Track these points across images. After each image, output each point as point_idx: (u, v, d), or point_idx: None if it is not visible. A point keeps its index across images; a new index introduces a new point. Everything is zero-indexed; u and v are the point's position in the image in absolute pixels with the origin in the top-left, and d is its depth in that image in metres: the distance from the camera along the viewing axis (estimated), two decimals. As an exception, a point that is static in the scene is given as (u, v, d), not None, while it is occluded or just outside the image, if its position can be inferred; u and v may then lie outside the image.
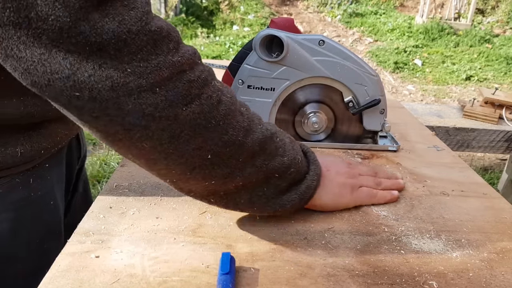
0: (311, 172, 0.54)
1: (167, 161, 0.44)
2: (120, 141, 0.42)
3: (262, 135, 0.48)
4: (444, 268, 0.49)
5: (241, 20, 6.13)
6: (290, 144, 0.53)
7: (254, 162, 0.48)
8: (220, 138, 0.44)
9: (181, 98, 0.41)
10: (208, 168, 0.45)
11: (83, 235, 0.51)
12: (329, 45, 0.74)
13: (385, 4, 7.05)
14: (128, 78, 0.38)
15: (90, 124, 0.40)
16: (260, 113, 0.78)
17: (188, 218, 0.56)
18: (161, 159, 0.44)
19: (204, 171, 0.45)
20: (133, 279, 0.44)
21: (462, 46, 5.75)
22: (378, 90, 0.78)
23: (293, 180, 0.52)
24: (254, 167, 0.48)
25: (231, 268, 0.45)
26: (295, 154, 0.52)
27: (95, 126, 0.40)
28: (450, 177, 0.73)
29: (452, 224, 0.58)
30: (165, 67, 0.39)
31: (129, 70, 0.38)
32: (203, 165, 0.45)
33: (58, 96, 0.38)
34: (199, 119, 0.42)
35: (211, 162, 0.45)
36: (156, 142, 0.42)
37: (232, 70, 0.82)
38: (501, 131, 1.52)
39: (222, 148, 0.45)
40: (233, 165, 0.46)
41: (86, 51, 0.36)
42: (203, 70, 0.44)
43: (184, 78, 0.41)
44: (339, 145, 0.82)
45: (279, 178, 0.50)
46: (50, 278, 0.44)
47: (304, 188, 0.53)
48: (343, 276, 0.47)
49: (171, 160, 0.44)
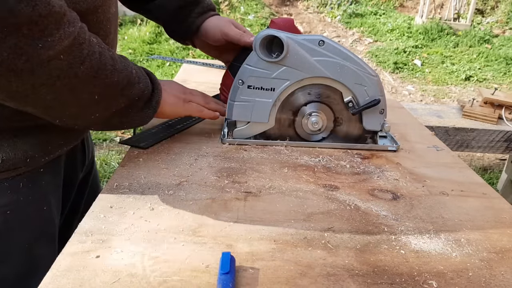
0: (156, 90, 0.67)
1: (64, 107, 0.54)
2: (26, 97, 0.50)
3: (126, 71, 0.60)
4: (444, 268, 0.49)
5: (241, 21, 6.13)
6: (140, 71, 0.64)
7: (123, 93, 0.60)
8: (103, 82, 0.55)
9: (78, 60, 0.51)
10: (95, 106, 0.57)
11: (84, 235, 0.51)
12: (329, 46, 0.74)
13: (384, 5, 7.05)
14: (40, 51, 0.46)
15: (1, 87, 0.47)
16: (260, 113, 0.79)
17: (188, 218, 0.56)
18: (58, 106, 0.54)
19: (91, 109, 0.57)
20: (133, 279, 0.45)
21: (461, 46, 5.75)
22: (378, 90, 0.78)
23: (147, 99, 0.65)
24: (124, 97, 0.60)
25: (231, 268, 0.45)
26: (145, 79, 0.64)
27: (6, 88, 0.48)
28: (450, 177, 0.73)
29: (452, 224, 0.59)
30: (65, 38, 0.48)
31: (40, 45, 0.46)
32: (91, 104, 0.56)
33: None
34: (91, 72, 0.53)
35: (97, 101, 0.56)
36: (57, 95, 0.52)
37: (232, 70, 0.82)
38: (500, 131, 1.52)
39: (104, 89, 0.56)
40: (111, 99, 0.58)
41: (4, 31, 0.43)
42: (85, 31, 0.52)
43: (77, 42, 0.50)
44: (339, 145, 0.82)
45: (138, 100, 0.63)
46: (50, 277, 0.44)
47: (155, 104, 0.67)
48: (343, 276, 0.47)
49: (67, 106, 0.54)
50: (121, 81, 0.58)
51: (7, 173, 0.59)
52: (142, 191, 0.62)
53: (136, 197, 0.60)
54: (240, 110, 0.79)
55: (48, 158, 0.64)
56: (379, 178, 0.71)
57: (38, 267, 0.66)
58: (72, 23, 0.49)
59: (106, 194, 0.60)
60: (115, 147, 2.72)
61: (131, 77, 0.61)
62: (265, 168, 0.71)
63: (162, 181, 0.65)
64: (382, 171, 0.74)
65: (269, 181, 0.67)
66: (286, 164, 0.74)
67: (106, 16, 0.65)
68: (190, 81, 1.22)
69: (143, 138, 0.79)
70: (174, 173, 0.67)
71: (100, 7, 0.62)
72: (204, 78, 1.28)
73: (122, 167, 0.68)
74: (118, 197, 0.60)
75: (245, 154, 0.77)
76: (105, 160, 2.49)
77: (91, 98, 0.55)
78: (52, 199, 0.68)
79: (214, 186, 0.64)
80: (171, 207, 0.58)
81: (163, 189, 0.63)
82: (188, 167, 0.70)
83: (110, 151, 2.63)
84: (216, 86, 0.91)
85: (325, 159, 0.77)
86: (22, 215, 0.63)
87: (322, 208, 0.61)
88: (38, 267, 0.66)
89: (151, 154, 0.74)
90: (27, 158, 0.60)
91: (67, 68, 0.50)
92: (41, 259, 0.67)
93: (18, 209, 0.62)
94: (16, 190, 0.61)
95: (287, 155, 0.77)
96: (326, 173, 0.72)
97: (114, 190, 0.61)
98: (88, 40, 0.52)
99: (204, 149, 0.77)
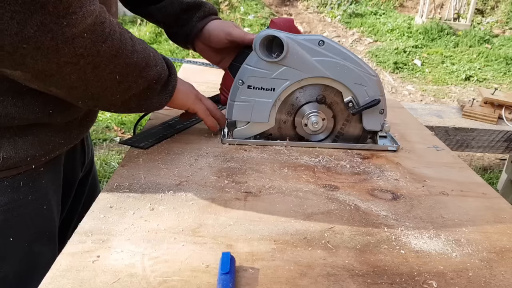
0: (172, 75, 0.69)
1: (86, 86, 0.55)
2: (51, 76, 0.51)
3: (144, 53, 0.60)
4: (444, 268, 0.49)
5: (241, 21, 6.13)
6: (157, 55, 0.65)
7: (142, 74, 0.60)
8: (124, 61, 0.56)
9: (100, 38, 0.51)
10: (115, 86, 0.58)
11: (84, 235, 0.51)
12: (328, 46, 0.74)
13: (384, 5, 7.05)
14: (64, 29, 0.46)
15: (28, 66, 0.47)
16: (260, 113, 0.79)
17: (188, 218, 0.56)
18: (81, 86, 0.54)
19: (112, 90, 0.58)
20: (133, 279, 0.45)
21: (461, 46, 5.75)
22: (378, 90, 0.78)
23: (164, 82, 0.66)
24: (142, 78, 0.61)
25: (231, 268, 0.45)
26: (162, 63, 0.65)
27: (32, 67, 0.48)
28: (450, 177, 0.73)
29: (452, 224, 0.59)
30: (88, 16, 0.48)
31: (65, 23, 0.46)
32: (112, 85, 0.57)
33: (5, 47, 0.44)
34: (112, 51, 0.54)
35: (118, 81, 0.57)
36: (81, 74, 0.52)
37: (232, 70, 0.82)
38: (500, 131, 1.52)
39: (125, 69, 0.57)
40: (131, 80, 0.59)
41: (30, 9, 0.43)
42: (105, 11, 0.53)
43: (99, 21, 0.51)
44: (339, 145, 0.82)
45: (156, 83, 0.64)
46: (50, 278, 0.44)
47: (171, 88, 0.68)
48: (343, 276, 0.47)
49: (89, 86, 0.55)
50: (140, 62, 0.59)
51: (8, 171, 0.59)
52: (142, 191, 0.62)
53: (136, 197, 0.60)
54: (240, 110, 0.79)
55: (48, 157, 0.64)
56: (379, 178, 0.71)
57: (37, 265, 0.66)
58: (92, 2, 0.50)
59: (106, 194, 0.60)
60: (115, 147, 2.72)
61: (149, 59, 0.61)
62: (265, 168, 0.71)
63: (162, 181, 0.65)
64: (382, 171, 0.74)
65: (269, 181, 0.67)
66: (286, 164, 0.74)
67: None
68: (190, 81, 1.21)
69: (143, 138, 0.79)
70: (174, 173, 0.67)
71: None
72: (204, 78, 1.28)
73: (122, 167, 0.68)
74: (118, 197, 0.60)
75: (245, 154, 0.77)
76: (105, 160, 2.49)
77: (113, 78, 0.56)
78: (52, 198, 0.68)
79: (214, 186, 0.64)
80: (171, 207, 0.58)
81: (163, 189, 0.63)
82: (188, 167, 0.70)
83: (110, 151, 2.63)
84: (216, 86, 0.90)
85: (325, 159, 0.77)
86: (22, 213, 0.63)
87: (322, 208, 0.61)
88: (38, 266, 0.66)
89: (151, 154, 0.74)
90: (27, 157, 0.60)
91: (90, 46, 0.50)
92: (41, 258, 0.67)
93: (18, 207, 0.62)
94: (16, 189, 0.61)
95: (287, 155, 0.77)
96: (326, 173, 0.72)
97: (114, 190, 0.61)
98: (108, 19, 0.53)
99: (204, 149, 0.77)
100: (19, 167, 0.60)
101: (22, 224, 0.63)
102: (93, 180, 0.89)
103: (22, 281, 0.65)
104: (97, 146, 2.72)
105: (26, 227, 0.64)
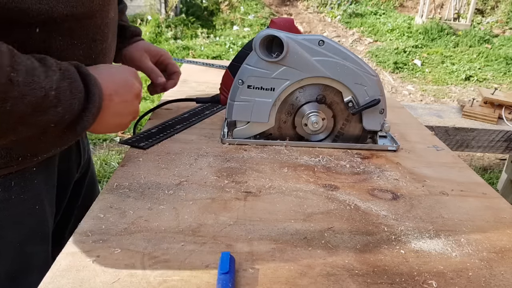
0: (87, 113, 0.55)
1: None
2: None
3: (34, 96, 0.48)
4: (444, 268, 0.49)
5: (241, 20, 6.13)
6: (68, 88, 0.52)
7: (26, 121, 0.49)
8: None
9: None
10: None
11: (84, 234, 0.51)
12: (328, 45, 0.74)
13: (384, 5, 7.05)
14: None
15: None
16: (260, 113, 0.79)
17: (188, 218, 0.56)
18: None
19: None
20: (133, 279, 0.45)
21: (461, 46, 5.75)
22: (378, 90, 0.78)
23: (70, 123, 0.54)
24: (27, 125, 0.49)
25: (231, 268, 0.45)
26: (71, 100, 0.52)
27: None
28: (450, 177, 0.73)
29: (452, 224, 0.59)
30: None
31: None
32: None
33: None
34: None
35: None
36: None
37: (232, 70, 0.82)
38: (500, 131, 1.52)
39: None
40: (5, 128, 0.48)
41: None
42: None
43: None
44: (339, 145, 0.82)
45: (55, 127, 0.52)
46: (50, 277, 0.44)
47: (79, 129, 0.55)
48: (342, 276, 0.47)
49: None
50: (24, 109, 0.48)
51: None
52: (142, 191, 0.62)
53: (136, 197, 0.60)
54: (240, 110, 0.79)
55: (40, 157, 0.63)
56: (379, 178, 0.71)
57: (30, 265, 0.66)
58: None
59: (106, 194, 0.60)
60: (115, 147, 2.72)
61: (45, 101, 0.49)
62: (265, 168, 0.71)
63: (162, 181, 0.65)
64: (382, 171, 0.74)
65: (269, 181, 0.67)
66: (286, 164, 0.74)
67: (104, 21, 0.64)
68: (190, 81, 1.22)
69: (143, 138, 0.79)
70: (174, 173, 0.67)
71: (97, 11, 0.62)
72: (204, 78, 1.28)
73: (122, 167, 0.68)
74: (118, 197, 0.60)
75: (245, 154, 0.77)
76: (105, 160, 2.49)
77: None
78: (45, 198, 0.68)
79: (214, 186, 0.64)
80: (171, 207, 0.58)
81: (163, 189, 0.63)
82: (188, 167, 0.70)
83: (110, 151, 2.63)
84: (216, 86, 0.90)
85: (325, 159, 0.77)
86: (13, 213, 0.63)
87: (322, 208, 0.61)
88: (30, 266, 0.66)
89: (151, 154, 0.74)
90: (19, 157, 0.60)
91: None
92: (33, 258, 0.67)
93: (10, 207, 0.62)
94: (7, 188, 0.61)
95: (287, 155, 0.77)
96: (326, 173, 0.72)
97: (114, 190, 0.61)
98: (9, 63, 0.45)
99: (204, 149, 0.77)
100: (10, 166, 0.60)
101: (14, 224, 0.63)
102: (90, 180, 0.89)
103: (14, 281, 0.65)
104: (97, 146, 2.72)
105: (17, 226, 0.64)
